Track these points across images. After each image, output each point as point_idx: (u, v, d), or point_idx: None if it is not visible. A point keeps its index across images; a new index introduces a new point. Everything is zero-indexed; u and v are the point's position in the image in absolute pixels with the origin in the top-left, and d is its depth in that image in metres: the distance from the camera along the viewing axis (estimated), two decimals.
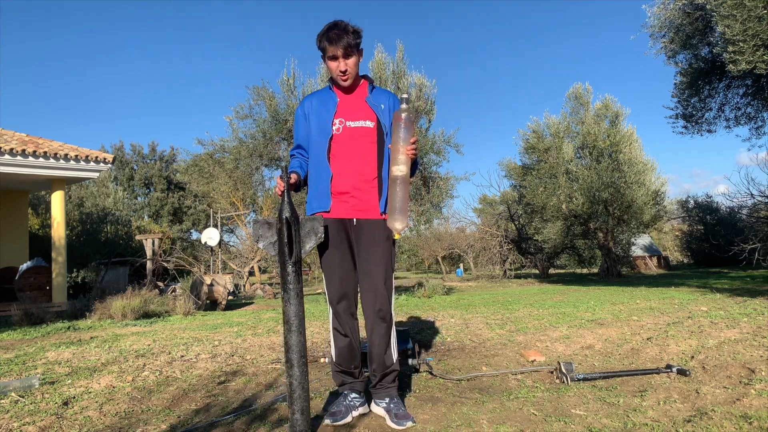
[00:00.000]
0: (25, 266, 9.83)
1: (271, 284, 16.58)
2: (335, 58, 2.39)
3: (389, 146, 2.39)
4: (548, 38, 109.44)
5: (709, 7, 7.29)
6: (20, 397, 2.94)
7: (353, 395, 2.46)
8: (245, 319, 7.17)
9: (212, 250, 15.97)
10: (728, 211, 22.85)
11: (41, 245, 13.47)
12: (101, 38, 64.16)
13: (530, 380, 3.03)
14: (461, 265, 28.59)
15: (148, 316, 7.70)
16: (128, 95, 69.23)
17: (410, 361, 3.28)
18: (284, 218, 2.13)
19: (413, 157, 2.33)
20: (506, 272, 20.55)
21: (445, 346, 4.27)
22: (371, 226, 2.43)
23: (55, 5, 55.92)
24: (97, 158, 9.78)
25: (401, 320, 6.04)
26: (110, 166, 10.31)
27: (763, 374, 2.78)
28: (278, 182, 2.22)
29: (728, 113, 10.14)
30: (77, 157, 9.53)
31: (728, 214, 23.00)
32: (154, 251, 12.39)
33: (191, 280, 10.04)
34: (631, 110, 17.91)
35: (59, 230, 9.72)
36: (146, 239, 12.55)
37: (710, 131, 10.36)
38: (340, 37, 2.35)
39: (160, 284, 11.53)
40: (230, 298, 11.89)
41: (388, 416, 2.34)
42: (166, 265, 13.32)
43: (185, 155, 21.58)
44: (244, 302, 11.21)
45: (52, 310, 8.09)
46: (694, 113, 10.29)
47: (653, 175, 16.58)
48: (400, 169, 2.30)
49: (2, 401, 2.88)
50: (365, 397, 2.52)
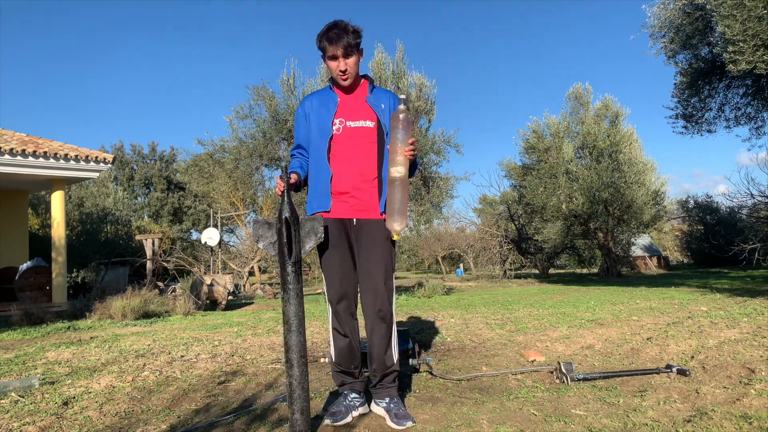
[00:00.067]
0: (25, 266, 9.83)
1: (271, 284, 16.58)
2: (335, 57, 2.39)
3: (388, 147, 2.39)
4: (548, 38, 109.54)
5: (709, 7, 7.29)
6: (20, 397, 2.94)
7: (353, 395, 2.46)
8: (245, 319, 7.17)
9: (212, 250, 15.97)
10: (728, 211, 22.86)
11: (41, 245, 13.47)
12: (101, 38, 64.26)
13: (530, 380, 3.03)
14: (461, 265, 28.59)
15: (148, 316, 7.70)
16: (128, 95, 69.35)
17: (410, 361, 3.28)
18: (284, 218, 2.13)
19: (411, 158, 2.32)
20: (506, 272, 20.55)
21: (445, 346, 4.27)
22: (371, 226, 2.43)
23: (55, 5, 55.99)
24: (97, 158, 9.78)
25: (401, 320, 6.04)
26: (110, 166, 10.32)
27: (763, 374, 2.78)
28: (278, 182, 2.21)
29: (728, 113, 10.15)
30: (77, 157, 9.53)
31: (728, 214, 23.00)
32: (154, 251, 12.39)
33: (191, 280, 10.04)
34: (631, 110, 17.95)
35: (59, 230, 9.72)
36: (146, 239, 12.55)
37: (710, 131, 10.37)
38: (339, 36, 2.35)
39: (160, 284, 11.53)
40: (230, 298, 11.89)
41: (388, 416, 2.34)
42: (166, 265, 13.32)
43: (185, 155, 21.61)
44: (244, 302, 11.21)
45: (52, 310, 8.10)
46: (694, 113, 10.30)
47: (653, 175, 16.59)
48: (398, 170, 2.29)
49: (2, 401, 2.88)
50: (365, 397, 2.52)
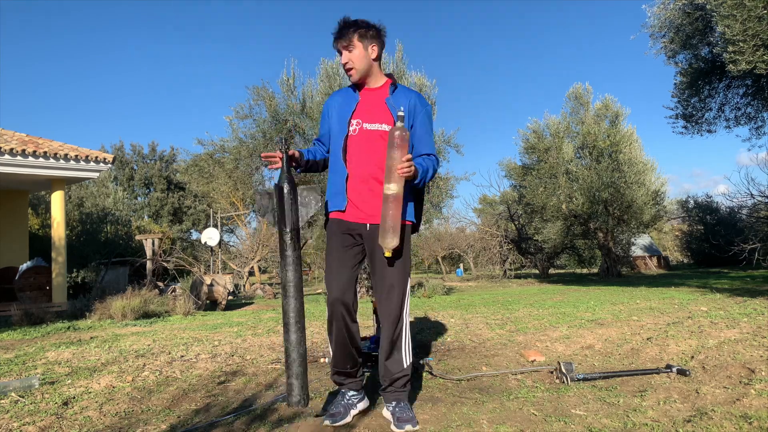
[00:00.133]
0: (25, 266, 9.83)
1: (271, 284, 16.58)
2: (340, 53, 2.40)
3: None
4: (548, 38, 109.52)
5: (709, 7, 7.29)
6: (20, 397, 2.94)
7: (351, 393, 2.46)
8: (245, 319, 7.17)
9: (212, 250, 15.97)
10: (728, 211, 22.86)
11: (41, 245, 13.46)
12: (101, 38, 64.23)
13: (530, 380, 3.03)
14: (461, 265, 28.59)
15: (148, 316, 7.70)
16: (128, 95, 69.30)
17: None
18: (279, 186, 2.19)
19: (406, 176, 2.24)
20: (506, 272, 20.55)
21: (445, 346, 4.27)
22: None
23: (55, 5, 55.98)
24: (97, 158, 9.78)
25: None
26: (110, 166, 10.32)
27: (763, 374, 2.78)
28: (276, 154, 2.27)
29: (728, 113, 10.14)
30: (77, 157, 9.53)
31: (728, 214, 23.00)
32: (154, 251, 12.38)
33: (191, 280, 10.04)
34: (631, 110, 17.95)
35: (59, 230, 9.72)
36: (146, 239, 12.55)
37: (710, 131, 10.36)
38: (339, 32, 2.35)
39: (160, 284, 11.53)
40: (230, 298, 11.89)
41: (392, 419, 2.33)
42: (166, 265, 13.31)
43: (185, 155, 21.61)
44: (244, 302, 11.21)
45: (52, 310, 8.09)
46: (694, 113, 10.29)
47: (653, 175, 16.59)
48: (390, 188, 2.25)
49: (2, 401, 2.88)
50: (364, 393, 2.52)
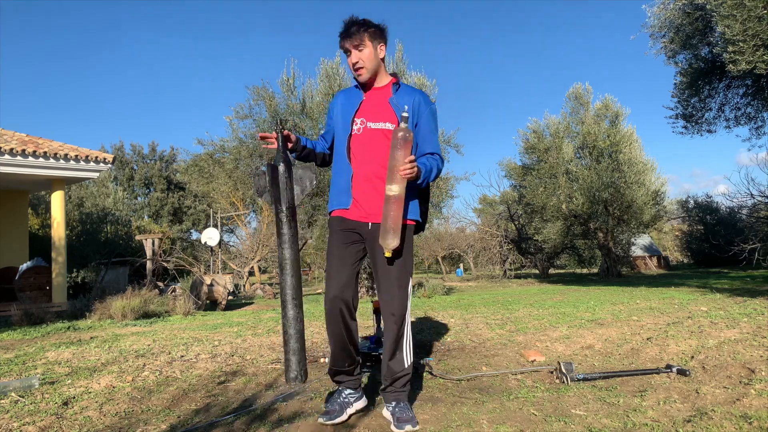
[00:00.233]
0: (25, 266, 9.83)
1: (271, 284, 16.57)
2: (348, 52, 2.40)
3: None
4: (548, 38, 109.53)
5: (709, 7, 7.29)
6: (20, 397, 2.94)
7: (348, 391, 2.45)
8: (245, 319, 7.17)
9: (212, 250, 15.97)
10: (728, 211, 22.86)
11: (41, 245, 13.46)
12: (101, 38, 64.21)
13: (530, 380, 3.03)
14: (461, 265, 28.59)
15: (148, 316, 7.70)
16: (128, 95, 69.30)
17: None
18: (274, 165, 2.27)
19: (408, 177, 2.24)
20: (506, 272, 20.55)
21: (445, 346, 4.27)
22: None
23: (55, 5, 55.96)
24: (97, 158, 9.78)
25: None
26: (110, 166, 10.32)
27: (763, 374, 2.78)
28: (273, 134, 2.36)
29: (728, 113, 10.14)
30: (77, 157, 9.53)
31: (728, 214, 23.01)
32: (154, 251, 12.38)
33: (191, 280, 10.04)
34: (631, 110, 17.96)
35: (59, 230, 9.72)
36: (146, 239, 12.55)
37: (710, 131, 10.36)
38: (349, 30, 2.36)
39: (160, 284, 11.53)
40: (230, 298, 11.89)
41: (392, 420, 2.33)
42: (166, 265, 13.31)
43: (185, 155, 21.66)
44: (244, 302, 11.21)
45: (52, 310, 8.09)
46: (694, 113, 10.29)
47: (653, 175, 16.59)
48: (391, 189, 2.25)
49: (2, 401, 2.88)
50: (362, 392, 2.51)
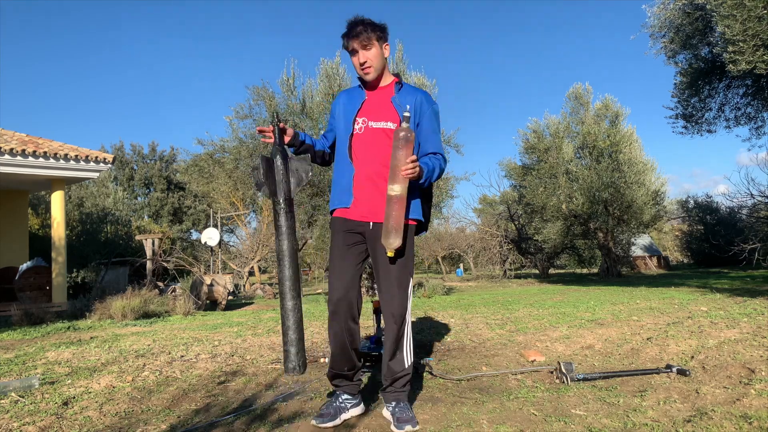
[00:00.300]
0: (25, 266, 9.83)
1: (271, 284, 16.57)
2: (355, 52, 2.40)
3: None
4: (548, 38, 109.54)
5: (709, 7, 7.29)
6: (20, 397, 2.94)
7: (345, 396, 2.43)
8: (245, 319, 7.17)
9: (212, 250, 15.97)
10: (728, 211, 22.87)
11: (41, 245, 13.46)
12: (101, 38, 64.21)
13: (530, 380, 3.03)
14: (461, 265, 28.59)
15: (148, 316, 7.70)
16: (128, 95, 69.30)
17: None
18: (268, 158, 2.30)
19: (410, 177, 2.24)
20: (506, 272, 20.55)
21: (445, 346, 4.27)
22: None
23: (55, 5, 55.95)
24: (97, 158, 9.78)
25: None
26: (110, 166, 10.32)
27: (763, 374, 2.78)
28: (270, 128, 2.39)
29: (728, 113, 10.15)
30: (77, 157, 9.53)
31: (728, 214, 23.01)
32: (154, 251, 12.38)
33: (191, 280, 10.04)
34: (631, 110, 17.97)
35: (59, 230, 9.72)
36: (146, 239, 12.55)
37: (710, 131, 10.37)
38: (356, 30, 2.36)
39: (160, 284, 11.53)
40: (230, 298, 11.89)
41: (392, 420, 2.33)
42: (166, 265, 13.31)
43: (185, 155, 21.63)
44: (244, 302, 11.21)
45: (52, 310, 8.09)
46: (694, 113, 10.29)
47: (653, 175, 16.59)
48: (393, 189, 2.25)
49: (2, 401, 2.88)
50: (360, 398, 2.49)
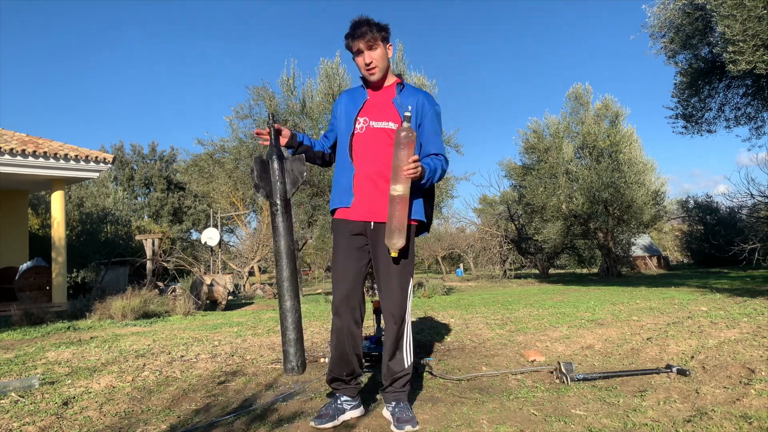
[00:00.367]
0: (25, 266, 9.83)
1: (270, 284, 16.57)
2: (360, 52, 2.40)
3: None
4: (548, 38, 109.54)
5: (709, 7, 7.29)
6: (20, 397, 2.94)
7: (344, 398, 2.43)
8: (245, 319, 7.17)
9: (212, 250, 15.97)
10: (728, 211, 22.87)
11: (41, 245, 13.46)
12: (101, 38, 64.20)
13: (530, 380, 3.03)
14: (461, 265, 28.59)
15: (148, 316, 7.70)
16: (128, 95, 69.30)
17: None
18: (263, 159, 2.30)
19: (412, 177, 2.24)
20: (506, 272, 20.55)
21: (445, 346, 4.27)
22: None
23: (55, 5, 55.95)
24: (97, 158, 9.78)
25: None
26: (110, 166, 10.32)
27: (763, 374, 2.78)
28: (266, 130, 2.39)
29: (728, 113, 10.14)
30: (77, 157, 9.53)
31: (728, 214, 23.01)
32: (154, 251, 12.38)
33: (191, 280, 10.04)
34: (631, 110, 17.96)
35: (59, 230, 9.72)
36: (146, 239, 12.55)
37: (710, 131, 10.37)
38: (361, 30, 2.36)
39: (160, 284, 11.53)
40: (230, 298, 11.89)
41: (392, 420, 2.32)
42: (166, 265, 13.31)
43: (185, 155, 21.66)
44: (244, 302, 11.21)
45: (52, 310, 8.09)
46: (694, 113, 10.29)
47: (653, 175, 16.59)
48: (396, 189, 2.25)
49: (2, 401, 2.88)
50: (359, 400, 2.49)
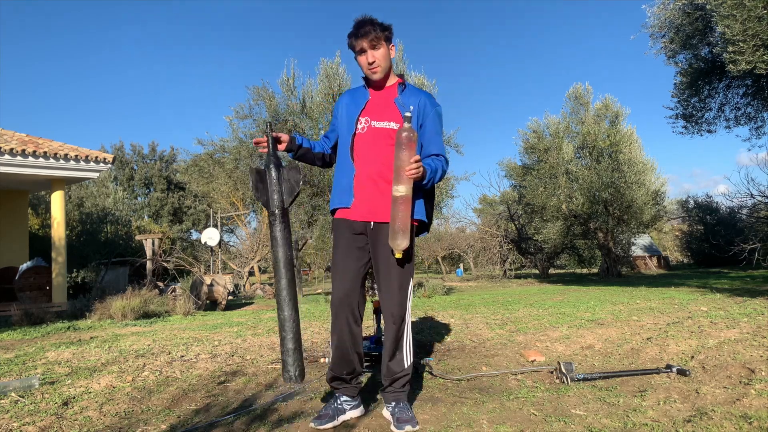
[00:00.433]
0: (25, 266, 9.83)
1: (270, 284, 16.57)
2: (363, 51, 2.40)
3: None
4: (548, 38, 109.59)
5: (709, 7, 7.29)
6: (20, 397, 2.94)
7: (344, 398, 2.43)
8: (245, 319, 7.17)
9: (212, 250, 15.97)
10: (728, 211, 22.87)
11: (41, 245, 13.46)
12: (101, 38, 64.19)
13: (530, 380, 3.03)
14: (461, 265, 28.59)
15: (148, 316, 7.70)
16: (128, 95, 69.29)
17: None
18: (258, 169, 2.30)
19: (414, 177, 2.24)
20: (506, 272, 20.54)
21: (445, 346, 4.27)
22: (389, 230, 2.38)
23: (55, 5, 55.94)
24: (97, 158, 9.78)
25: None
26: (110, 166, 10.32)
27: (763, 374, 2.78)
28: (264, 138, 2.38)
29: (728, 113, 10.14)
30: (77, 157, 9.53)
31: (728, 214, 23.01)
32: (154, 251, 12.38)
33: (191, 280, 10.04)
34: (631, 110, 17.95)
35: (59, 230, 9.72)
36: (146, 239, 12.55)
37: (710, 131, 10.36)
38: (365, 29, 2.36)
39: (160, 284, 11.53)
40: (230, 298, 11.89)
41: (392, 420, 2.32)
42: (166, 265, 13.31)
43: (185, 155, 21.64)
44: (244, 302, 11.21)
45: (52, 310, 8.09)
46: (694, 113, 10.29)
47: (653, 175, 16.58)
48: (398, 190, 2.25)
49: (2, 401, 2.88)
50: (359, 400, 2.49)
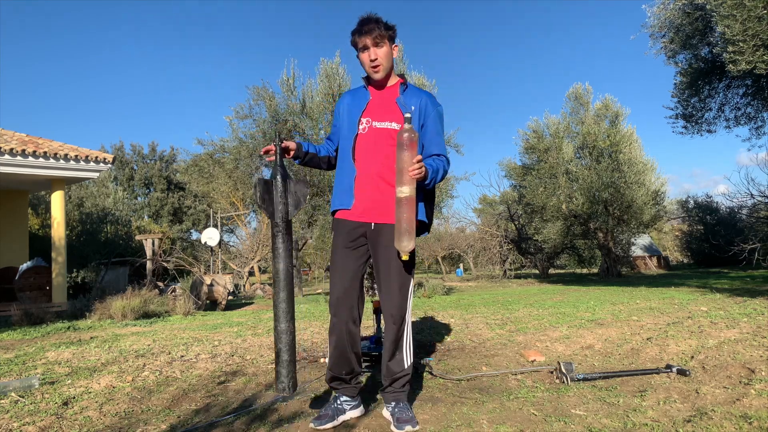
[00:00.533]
0: (25, 266, 9.83)
1: (270, 284, 16.57)
2: (366, 48, 2.39)
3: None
4: (548, 38, 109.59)
5: (709, 7, 7.29)
6: (20, 397, 2.94)
7: (344, 398, 2.43)
8: (245, 319, 7.17)
9: (212, 250, 15.97)
10: (728, 211, 22.88)
11: (41, 245, 13.46)
12: (101, 38, 64.17)
13: (530, 380, 3.03)
14: (461, 265, 28.59)
15: (148, 316, 7.70)
16: (128, 95, 69.27)
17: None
18: (264, 180, 2.28)
19: (417, 178, 2.23)
20: (506, 272, 20.54)
21: (445, 346, 4.27)
22: (390, 231, 2.38)
23: (55, 5, 55.94)
24: (97, 158, 9.78)
25: None
26: (110, 166, 10.32)
27: (763, 374, 2.78)
28: (271, 147, 2.34)
29: (728, 113, 10.15)
30: (77, 157, 9.53)
31: (728, 214, 23.02)
32: (154, 251, 12.38)
33: (191, 280, 10.04)
34: (631, 110, 17.95)
35: (59, 230, 9.72)
36: (146, 239, 12.55)
37: (710, 131, 10.37)
38: (369, 27, 2.36)
39: (160, 284, 11.53)
40: (230, 298, 11.89)
41: (392, 420, 2.32)
42: (166, 265, 13.32)
43: (185, 155, 21.62)
44: (244, 302, 11.21)
45: (52, 310, 8.09)
46: (694, 113, 10.29)
47: (653, 175, 16.58)
48: (402, 191, 2.24)
49: (2, 401, 2.88)
50: (359, 400, 2.49)
